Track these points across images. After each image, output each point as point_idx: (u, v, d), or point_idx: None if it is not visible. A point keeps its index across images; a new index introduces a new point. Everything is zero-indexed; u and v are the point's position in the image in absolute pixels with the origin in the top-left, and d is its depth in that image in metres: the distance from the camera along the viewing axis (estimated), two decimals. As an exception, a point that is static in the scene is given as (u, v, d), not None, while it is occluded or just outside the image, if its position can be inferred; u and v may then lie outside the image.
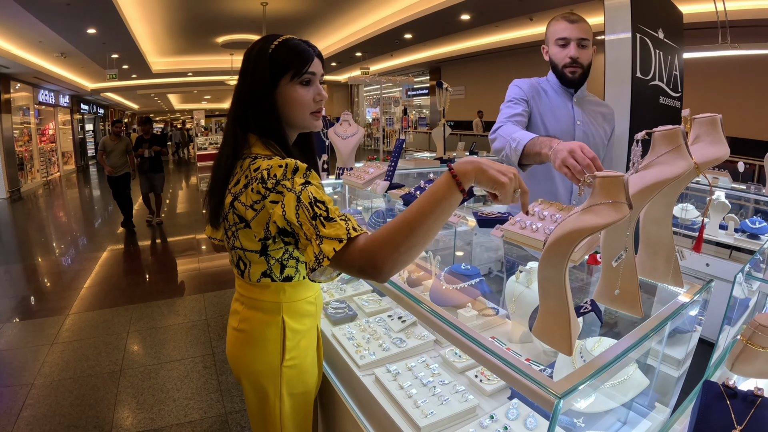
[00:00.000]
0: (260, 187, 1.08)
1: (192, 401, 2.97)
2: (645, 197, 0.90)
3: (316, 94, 1.24)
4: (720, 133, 1.12)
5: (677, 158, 0.95)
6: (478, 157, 0.91)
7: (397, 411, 1.34)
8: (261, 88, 1.18)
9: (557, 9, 9.66)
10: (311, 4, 10.62)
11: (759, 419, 0.84)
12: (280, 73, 1.18)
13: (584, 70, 2.06)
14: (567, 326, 0.81)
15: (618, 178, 0.74)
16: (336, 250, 0.94)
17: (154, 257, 6.25)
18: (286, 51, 1.18)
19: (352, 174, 2.45)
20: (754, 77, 8.27)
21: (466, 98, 17.03)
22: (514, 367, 0.81)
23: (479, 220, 1.62)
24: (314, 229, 0.99)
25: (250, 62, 1.20)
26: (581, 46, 2.01)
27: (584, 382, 0.77)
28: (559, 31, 2.03)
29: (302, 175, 1.08)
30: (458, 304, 1.64)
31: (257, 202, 1.09)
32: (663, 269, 1.18)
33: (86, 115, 21.08)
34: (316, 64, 1.22)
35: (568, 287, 0.81)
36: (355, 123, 3.08)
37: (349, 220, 1.00)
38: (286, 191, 1.05)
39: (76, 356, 3.55)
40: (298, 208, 1.02)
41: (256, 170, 1.11)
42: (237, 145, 1.20)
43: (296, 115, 1.23)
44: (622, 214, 0.73)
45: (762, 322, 1.04)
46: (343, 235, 0.96)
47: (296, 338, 1.32)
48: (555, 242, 0.76)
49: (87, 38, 10.71)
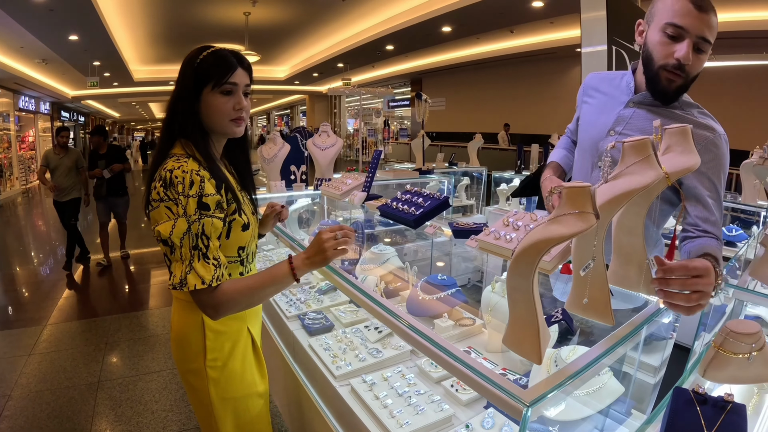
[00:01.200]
0: (161, 189, 1.16)
1: (170, 413, 2.93)
2: (614, 207, 0.91)
3: (236, 103, 1.29)
4: (691, 143, 1.14)
5: (646, 168, 0.96)
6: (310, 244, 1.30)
7: (372, 421, 1.34)
8: (185, 96, 1.25)
9: (538, 21, 9.83)
10: (293, 14, 10.65)
11: (729, 424, 0.85)
12: (203, 82, 1.25)
13: (687, 83, 1.41)
14: (536, 335, 0.81)
15: (584, 189, 0.75)
16: (197, 287, 1.15)
17: (132, 267, 6.17)
18: (212, 60, 1.25)
19: (330, 185, 2.45)
20: (731, 88, 8.47)
21: (447, 110, 17.16)
22: (482, 375, 0.81)
23: (454, 230, 1.63)
24: (190, 256, 1.16)
25: (181, 70, 1.27)
26: (698, 49, 1.35)
27: (553, 390, 0.77)
28: (674, 13, 1.33)
29: (197, 191, 1.17)
30: (435, 314, 1.64)
31: (156, 200, 1.16)
32: (635, 278, 1.19)
33: (67, 122, 20.85)
34: (239, 75, 1.28)
35: (537, 296, 0.81)
36: (333, 134, 3.10)
37: (219, 266, 1.19)
38: (180, 210, 1.15)
39: (54, 367, 3.48)
40: (185, 234, 1.15)
41: (164, 168, 1.18)
42: (163, 149, 1.27)
43: (215, 122, 1.29)
44: (589, 223, 0.73)
45: (733, 329, 1.06)
46: (209, 279, 1.16)
47: (219, 339, 1.36)
48: (522, 252, 0.77)
49: (69, 45, 10.64)
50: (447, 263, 2.37)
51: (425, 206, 1.77)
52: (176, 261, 1.16)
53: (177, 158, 1.21)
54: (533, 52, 12.24)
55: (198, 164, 1.22)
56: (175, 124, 1.28)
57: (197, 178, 1.17)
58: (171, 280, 1.17)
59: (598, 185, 0.98)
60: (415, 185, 2.09)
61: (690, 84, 1.43)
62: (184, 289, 1.14)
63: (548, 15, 9.24)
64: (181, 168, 1.17)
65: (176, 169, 1.17)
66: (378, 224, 2.28)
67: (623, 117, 1.54)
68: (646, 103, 1.50)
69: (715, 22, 1.34)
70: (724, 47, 6.27)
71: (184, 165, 1.18)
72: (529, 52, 12.28)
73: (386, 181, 3.74)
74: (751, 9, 7.41)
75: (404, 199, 1.89)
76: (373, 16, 11.19)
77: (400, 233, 2.34)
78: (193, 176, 1.17)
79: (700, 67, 1.39)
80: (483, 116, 15.40)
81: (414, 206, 1.80)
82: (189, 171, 1.17)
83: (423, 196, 1.83)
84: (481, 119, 15.23)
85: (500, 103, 14.92)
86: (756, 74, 8.05)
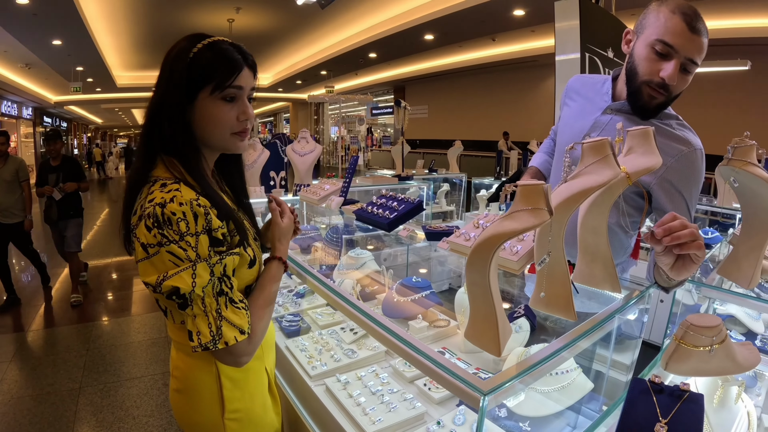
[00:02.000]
0: (155, 231, 0.90)
1: (152, 419, 2.92)
2: (571, 205, 0.95)
3: (241, 112, 1.02)
4: (652, 145, 1.18)
5: (604, 168, 1.00)
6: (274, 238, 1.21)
7: (346, 419, 1.36)
8: (174, 100, 0.97)
9: (519, 30, 9.96)
10: (277, 21, 10.69)
11: (685, 412, 0.87)
12: (200, 84, 0.97)
13: (668, 100, 1.42)
14: (495, 328, 0.84)
15: (537, 187, 0.78)
16: (238, 340, 0.96)
17: (114, 274, 6.12)
18: (211, 56, 0.97)
19: (309, 190, 2.49)
20: (704, 95, 8.68)
21: (430, 117, 17.26)
22: (443, 367, 0.84)
23: (427, 233, 1.67)
24: (216, 305, 0.95)
25: (166, 67, 1.00)
26: (685, 69, 1.34)
27: (510, 381, 0.80)
28: (666, 31, 1.30)
29: (204, 225, 0.94)
30: (409, 316, 1.67)
31: (151, 245, 0.91)
32: (600, 276, 1.23)
33: (49, 128, 20.64)
34: (245, 76, 1.01)
35: (495, 291, 0.84)
36: (313, 140, 3.14)
37: (247, 307, 1.02)
38: (191, 253, 0.91)
39: (35, 374, 3.47)
40: (209, 283, 0.93)
41: (150, 201, 0.92)
42: (142, 168, 1.01)
43: (214, 135, 1.03)
44: (541, 219, 0.77)
45: (694, 322, 1.09)
46: (246, 327, 0.98)
47: (238, 387, 1.13)
48: (476, 248, 0.80)
49: (52, 49, 10.61)
50: (426, 267, 2.41)
51: (399, 210, 1.80)
52: (198, 314, 0.93)
53: (163, 184, 0.95)
54: (515, 60, 12.39)
55: (193, 190, 0.96)
56: (157, 137, 1.00)
57: (200, 210, 0.93)
58: (197, 340, 0.92)
59: (558, 185, 1.01)
60: (396, 191, 2.12)
61: (671, 102, 1.43)
62: (219, 346, 0.93)
63: (529, 23, 9.36)
64: (175, 200, 0.91)
65: (169, 202, 0.91)
66: (357, 230, 2.31)
67: (599, 123, 1.54)
68: (624, 111, 1.49)
69: (706, 45, 1.31)
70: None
71: (177, 195, 0.92)
72: (510, 60, 12.42)
73: (366, 187, 3.78)
74: (727, 17, 7.61)
75: (379, 203, 1.92)
76: (356, 24, 11.26)
77: (378, 238, 2.37)
78: (194, 208, 0.92)
79: (684, 86, 1.38)
80: (465, 123, 15.53)
81: (388, 210, 1.83)
82: (187, 202, 0.92)
83: (397, 200, 1.86)
84: (464, 126, 15.35)
85: (482, 110, 15.06)
86: (732, 80, 8.24)
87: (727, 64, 5.94)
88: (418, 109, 17.27)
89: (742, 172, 1.13)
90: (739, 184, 1.18)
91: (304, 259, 2.42)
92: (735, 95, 8.56)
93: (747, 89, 8.34)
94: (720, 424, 1.15)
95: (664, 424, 0.86)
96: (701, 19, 1.30)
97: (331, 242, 2.26)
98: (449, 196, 5.75)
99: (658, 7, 1.34)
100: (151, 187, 0.96)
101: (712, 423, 1.16)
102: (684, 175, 1.41)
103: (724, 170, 1.17)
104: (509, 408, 1.34)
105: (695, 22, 1.28)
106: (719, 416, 1.18)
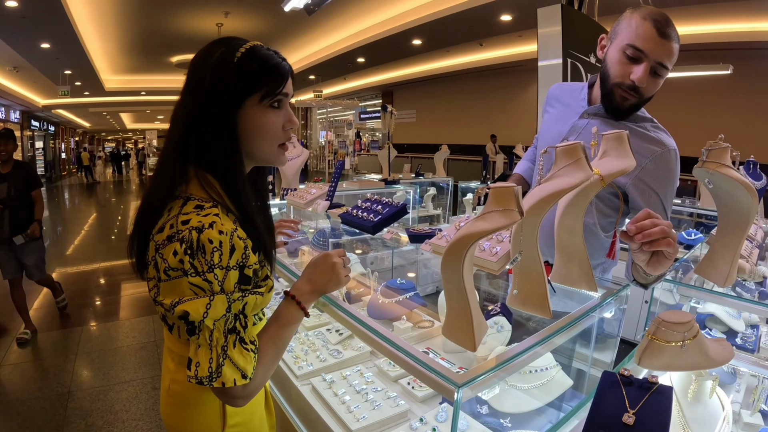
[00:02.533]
0: (186, 258, 0.83)
1: (141, 422, 2.93)
2: (545, 206, 0.99)
3: (287, 120, 0.98)
4: (626, 148, 1.22)
5: (576, 170, 1.04)
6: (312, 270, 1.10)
7: (331, 416, 1.39)
8: (221, 108, 0.91)
9: (506, 35, 10.06)
10: (266, 26, 10.71)
11: (653, 403, 0.90)
12: (249, 91, 0.91)
13: (640, 102, 1.49)
14: (470, 324, 0.88)
15: (508, 189, 0.82)
16: (236, 383, 0.87)
17: (102, 279, 6.10)
18: (258, 63, 0.92)
19: (296, 195, 2.51)
20: (685, 98, 8.84)
21: (418, 122, 17.29)
22: (420, 362, 0.88)
23: (410, 235, 1.70)
24: (224, 341, 0.88)
25: (205, 73, 0.91)
26: (655, 73, 1.41)
27: (484, 374, 0.84)
28: (637, 36, 1.38)
29: (238, 260, 0.87)
30: (394, 317, 1.70)
31: (175, 269, 0.84)
32: (577, 275, 1.27)
33: (36, 132, 20.52)
34: (289, 83, 0.97)
35: (469, 288, 0.88)
36: (300, 145, 3.17)
37: (256, 351, 0.93)
38: (216, 287, 0.85)
39: (24, 378, 3.48)
40: (222, 317, 0.86)
41: (184, 223, 0.85)
42: (174, 182, 0.92)
43: (262, 147, 0.97)
44: (511, 219, 0.81)
45: (665, 318, 1.13)
46: (250, 372, 0.90)
47: None
48: (451, 247, 0.84)
49: (41, 52, 10.58)
50: (412, 270, 2.43)
51: (383, 213, 1.83)
52: (203, 345, 0.87)
53: (199, 206, 0.88)
54: (502, 65, 12.45)
55: (231, 216, 0.92)
56: (194, 148, 0.92)
57: (240, 244, 0.87)
58: (194, 371, 0.86)
59: (533, 187, 1.06)
60: (382, 195, 2.15)
61: (644, 104, 1.50)
62: (215, 384, 0.86)
63: (516, 28, 9.44)
64: (214, 227, 0.84)
65: (206, 227, 0.83)
66: (343, 233, 2.33)
67: (577, 127, 1.60)
68: (600, 115, 1.55)
69: (676, 50, 1.38)
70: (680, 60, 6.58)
71: (217, 222, 0.85)
72: (498, 64, 12.49)
73: (353, 191, 3.80)
74: (710, 23, 7.74)
75: (364, 206, 1.95)
76: (344, 29, 11.30)
77: (365, 242, 2.40)
78: (234, 240, 0.86)
79: (655, 89, 1.45)
80: (453, 128, 15.58)
81: (373, 213, 1.87)
82: (228, 232, 0.85)
83: (382, 204, 1.90)
84: (451, 131, 15.40)
85: (469, 115, 15.11)
86: (714, 83, 8.39)
87: (709, 68, 6.06)
88: (406, 113, 17.31)
89: (716, 174, 1.17)
90: (714, 185, 1.22)
91: (292, 262, 2.44)
92: (717, 98, 8.71)
93: (729, 92, 8.49)
94: (695, 418, 1.18)
95: (633, 414, 0.89)
96: (672, 25, 1.36)
97: (318, 246, 2.28)
98: (436, 200, 5.79)
99: (631, 14, 1.42)
100: (183, 206, 0.89)
101: (687, 417, 1.19)
102: (658, 175, 1.47)
103: (699, 172, 1.22)
104: (490, 405, 1.38)
105: (665, 28, 1.35)
106: (694, 410, 1.21)
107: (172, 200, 0.91)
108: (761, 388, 1.40)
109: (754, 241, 1.73)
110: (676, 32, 1.37)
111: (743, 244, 1.28)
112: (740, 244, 1.24)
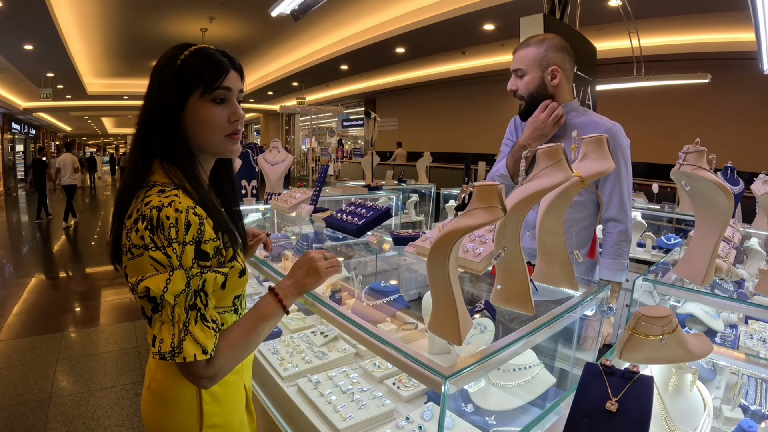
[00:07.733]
0: (145, 233, 0.90)
1: (123, 428, 2.91)
2: (527, 205, 1.02)
3: (232, 113, 1.05)
4: (605, 151, 1.27)
5: (557, 171, 1.07)
6: (292, 267, 1.16)
7: (317, 416, 1.40)
8: (166, 106, 1.00)
9: (489, 44, 10.14)
10: (250, 32, 10.69)
11: (635, 391, 0.93)
12: (189, 89, 1.00)
13: (527, 102, 1.90)
14: (456, 319, 0.90)
15: (492, 187, 0.85)
16: (197, 358, 0.91)
17: (83, 285, 6.03)
18: (197, 61, 1.00)
19: (280, 199, 2.53)
20: (667, 106, 9.02)
21: (400, 129, 17.28)
22: (408, 356, 0.90)
23: (394, 238, 1.72)
24: (185, 317, 0.92)
25: (156, 75, 1.02)
26: (518, 76, 1.89)
27: (470, 367, 0.86)
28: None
29: (194, 235, 0.93)
30: (378, 320, 1.72)
31: (137, 246, 0.90)
32: (559, 274, 1.30)
33: (17, 135, 20.19)
34: (232, 78, 1.04)
35: (455, 283, 0.90)
36: (284, 150, 3.19)
37: (217, 329, 0.98)
38: (175, 261, 0.91)
39: (4, 384, 3.42)
40: (182, 292, 0.91)
41: (146, 204, 0.92)
42: (138, 173, 1.01)
43: (208, 139, 1.05)
44: (495, 216, 0.83)
45: (645, 313, 1.16)
46: (210, 348, 0.93)
47: (216, 400, 1.12)
48: (437, 243, 0.86)
49: (23, 54, 10.44)
50: (396, 275, 2.45)
51: (368, 216, 1.85)
52: (165, 322, 0.91)
53: (161, 190, 0.96)
54: (485, 74, 12.49)
55: (191, 198, 0.98)
56: (153, 144, 1.01)
57: (195, 219, 0.93)
58: (157, 347, 0.91)
59: (514, 188, 1.09)
60: (360, 198, 2.17)
61: (535, 103, 1.86)
62: (177, 359, 0.90)
63: (499, 38, 9.51)
64: (172, 205, 0.91)
65: (166, 206, 0.91)
66: (327, 238, 2.34)
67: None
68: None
69: (525, 53, 1.85)
70: (662, 68, 6.70)
71: (175, 201, 0.92)
72: (480, 73, 12.53)
73: (336, 197, 3.82)
74: (689, 33, 7.92)
75: (348, 210, 1.97)
76: (328, 36, 11.29)
77: (349, 247, 2.41)
78: (189, 216, 0.92)
79: (529, 86, 1.86)
80: (435, 135, 15.58)
81: (357, 216, 1.88)
82: (184, 210, 0.92)
83: (366, 207, 1.92)
84: (434, 138, 15.40)
85: (452, 123, 15.14)
86: (693, 92, 8.56)
87: (688, 77, 6.18)
88: (388, 121, 17.30)
89: (693, 176, 1.21)
90: (691, 187, 1.26)
91: (276, 266, 2.44)
92: (696, 106, 8.89)
93: (707, 101, 8.68)
94: (676, 411, 1.21)
95: (615, 402, 0.91)
96: (526, 41, 1.87)
97: (302, 251, 2.29)
98: (418, 206, 5.80)
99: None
100: (148, 191, 0.96)
101: (668, 409, 1.22)
102: (615, 144, 1.74)
103: (676, 175, 1.25)
104: (475, 403, 1.40)
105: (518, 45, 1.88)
106: (675, 403, 1.24)
107: (139, 189, 0.99)
108: (740, 384, 1.44)
109: (732, 242, 1.78)
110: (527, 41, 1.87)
111: (720, 245, 1.32)
112: (717, 244, 1.28)
